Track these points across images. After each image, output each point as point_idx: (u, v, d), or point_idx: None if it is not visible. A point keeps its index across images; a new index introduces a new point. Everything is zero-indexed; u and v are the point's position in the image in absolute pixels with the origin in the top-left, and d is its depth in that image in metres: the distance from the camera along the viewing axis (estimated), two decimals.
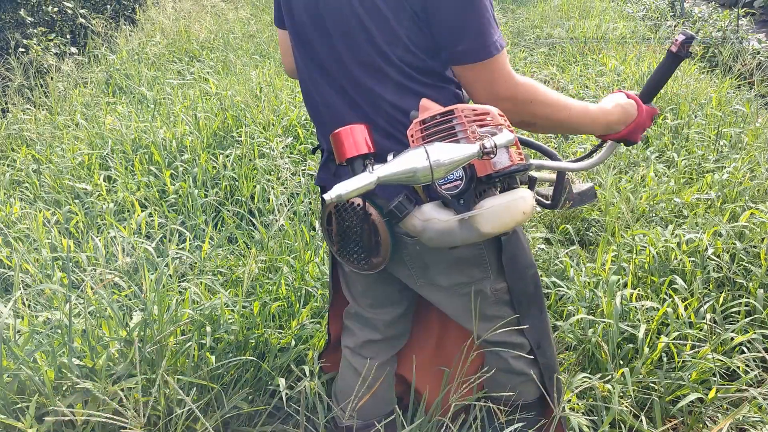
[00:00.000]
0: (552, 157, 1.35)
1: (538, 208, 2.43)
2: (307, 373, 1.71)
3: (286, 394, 1.66)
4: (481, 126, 0.98)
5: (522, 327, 1.33)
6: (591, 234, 2.64)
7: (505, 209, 0.99)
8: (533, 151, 1.41)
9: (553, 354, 1.42)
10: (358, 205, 1.13)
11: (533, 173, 1.35)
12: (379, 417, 1.53)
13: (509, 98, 1.09)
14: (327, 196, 0.92)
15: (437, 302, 1.33)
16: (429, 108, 1.02)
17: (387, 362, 1.51)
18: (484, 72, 1.07)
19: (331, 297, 1.58)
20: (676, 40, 1.23)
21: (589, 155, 1.40)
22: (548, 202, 1.39)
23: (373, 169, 0.95)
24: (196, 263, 2.18)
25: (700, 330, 1.90)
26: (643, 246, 2.29)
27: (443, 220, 1.00)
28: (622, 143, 1.31)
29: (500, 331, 1.32)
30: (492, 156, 0.94)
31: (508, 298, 1.31)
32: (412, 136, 1.01)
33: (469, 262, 1.25)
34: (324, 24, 1.12)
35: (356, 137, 1.00)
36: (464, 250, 1.23)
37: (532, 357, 1.38)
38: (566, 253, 2.44)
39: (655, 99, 1.31)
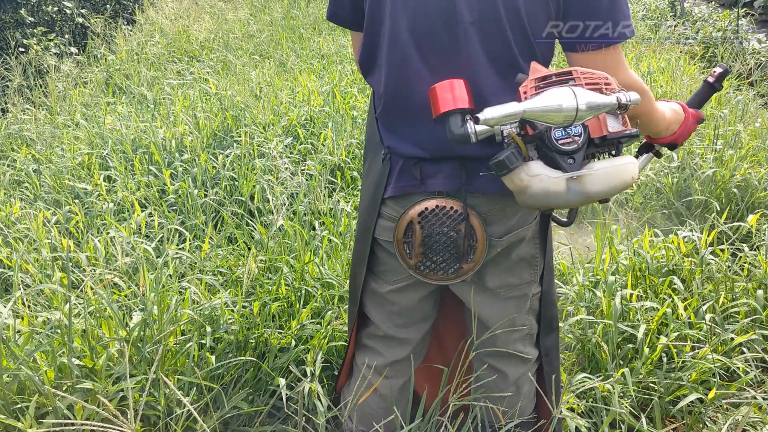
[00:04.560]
0: None
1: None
2: (308, 374, 1.71)
3: (286, 394, 1.65)
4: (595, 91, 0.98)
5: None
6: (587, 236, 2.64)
7: (615, 172, 0.98)
8: None
9: (558, 367, 1.42)
10: (452, 207, 1.12)
11: None
12: (393, 428, 1.50)
13: (628, 87, 1.06)
14: (481, 115, 0.94)
15: (468, 301, 1.29)
16: (540, 70, 1.02)
17: (408, 381, 1.46)
18: (610, 58, 1.06)
19: (356, 321, 1.46)
20: (714, 71, 1.28)
21: None
22: (564, 219, 1.36)
23: (473, 124, 0.97)
24: (195, 263, 2.18)
25: (700, 330, 1.90)
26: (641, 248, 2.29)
27: (552, 177, 0.98)
28: (664, 148, 1.31)
29: (516, 340, 1.32)
30: (625, 111, 0.94)
31: (537, 305, 1.31)
32: (525, 93, 1.00)
33: (526, 263, 1.25)
34: (454, 12, 1.06)
35: (457, 91, 0.99)
36: (525, 249, 1.23)
37: (532, 373, 1.36)
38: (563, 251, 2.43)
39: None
